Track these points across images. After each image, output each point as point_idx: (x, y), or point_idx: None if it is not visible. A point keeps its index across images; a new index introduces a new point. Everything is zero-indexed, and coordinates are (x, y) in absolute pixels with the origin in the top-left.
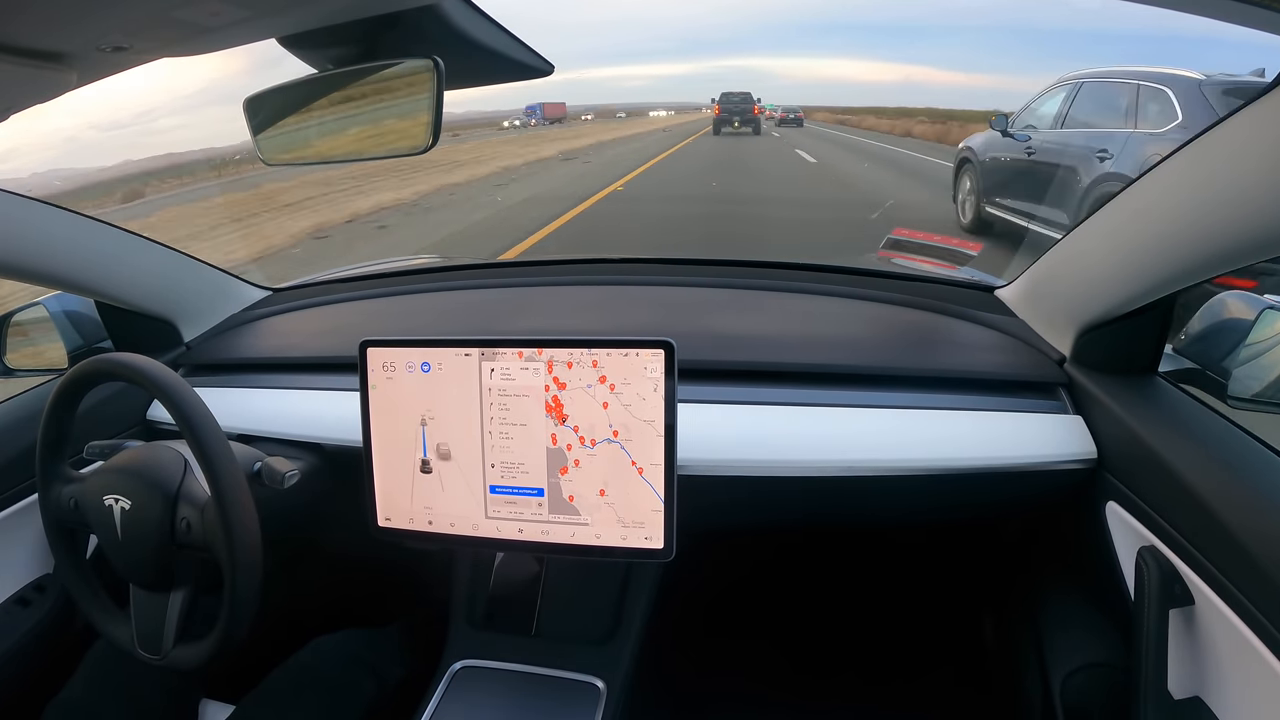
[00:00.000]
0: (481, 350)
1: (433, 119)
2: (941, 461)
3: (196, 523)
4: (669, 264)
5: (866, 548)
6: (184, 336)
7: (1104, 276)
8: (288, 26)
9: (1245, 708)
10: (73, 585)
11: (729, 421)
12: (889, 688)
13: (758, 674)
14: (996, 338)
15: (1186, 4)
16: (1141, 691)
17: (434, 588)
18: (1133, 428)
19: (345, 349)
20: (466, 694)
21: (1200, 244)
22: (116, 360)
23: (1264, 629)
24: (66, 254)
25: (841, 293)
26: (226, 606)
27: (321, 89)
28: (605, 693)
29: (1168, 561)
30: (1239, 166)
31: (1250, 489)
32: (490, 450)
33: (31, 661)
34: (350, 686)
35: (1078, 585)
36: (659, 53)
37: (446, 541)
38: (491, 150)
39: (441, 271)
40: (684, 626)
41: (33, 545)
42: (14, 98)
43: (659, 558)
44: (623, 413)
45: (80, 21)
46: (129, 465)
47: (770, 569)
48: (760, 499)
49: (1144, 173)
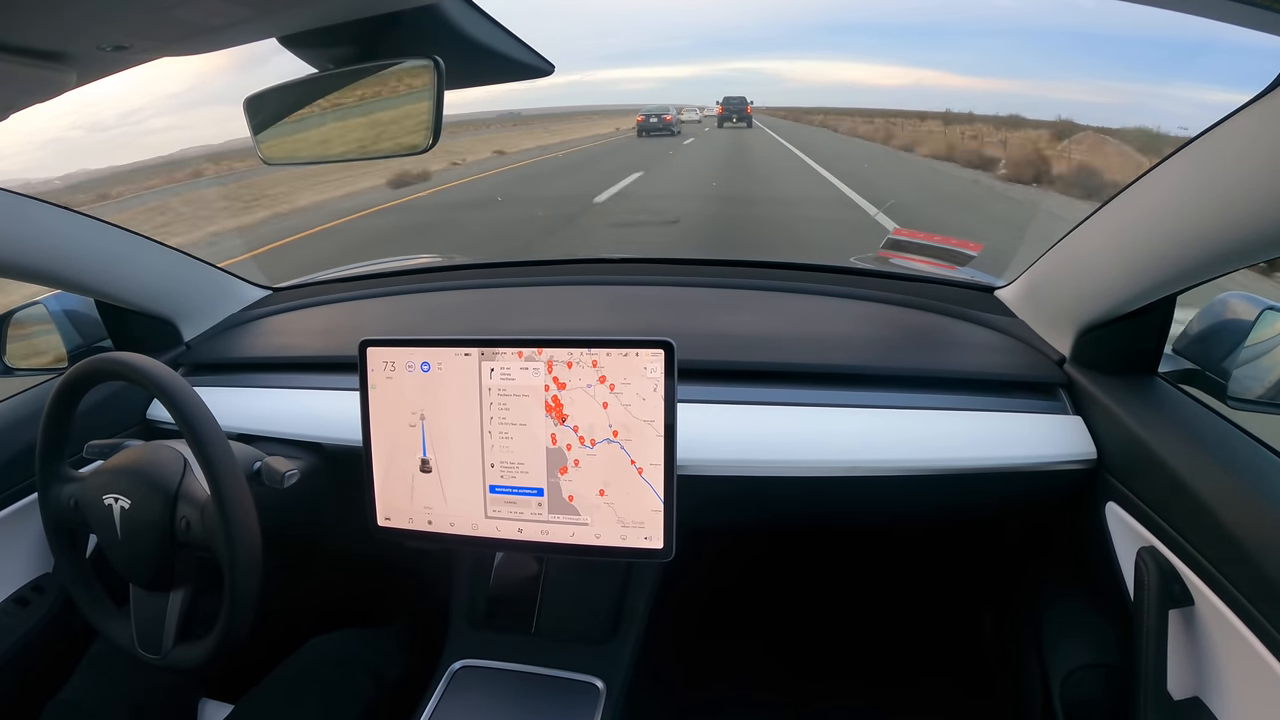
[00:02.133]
0: (481, 350)
1: (433, 119)
2: (941, 462)
3: (196, 522)
4: (669, 264)
5: (866, 548)
6: (184, 336)
7: (1104, 277)
8: (288, 26)
9: (1244, 708)
10: (72, 585)
11: (729, 421)
12: (888, 687)
13: (757, 673)
14: (996, 338)
15: (1187, 4)
16: (1141, 691)
17: (433, 587)
18: (1132, 428)
19: (345, 348)
20: (466, 694)
21: (1200, 245)
22: (116, 359)
23: (1263, 629)
24: (66, 254)
25: (841, 293)
26: (226, 606)
27: (321, 89)
28: (605, 692)
29: (1167, 562)
30: (1239, 167)
31: (1250, 489)
32: (490, 450)
33: (31, 661)
34: (349, 686)
35: (1077, 585)
36: (663, 54)
37: (446, 541)
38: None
39: (441, 271)
40: (684, 626)
41: (32, 545)
42: (14, 98)
43: (659, 557)
44: (622, 413)
45: (80, 21)
46: (129, 465)
47: (770, 569)
48: (760, 499)
49: (1144, 173)
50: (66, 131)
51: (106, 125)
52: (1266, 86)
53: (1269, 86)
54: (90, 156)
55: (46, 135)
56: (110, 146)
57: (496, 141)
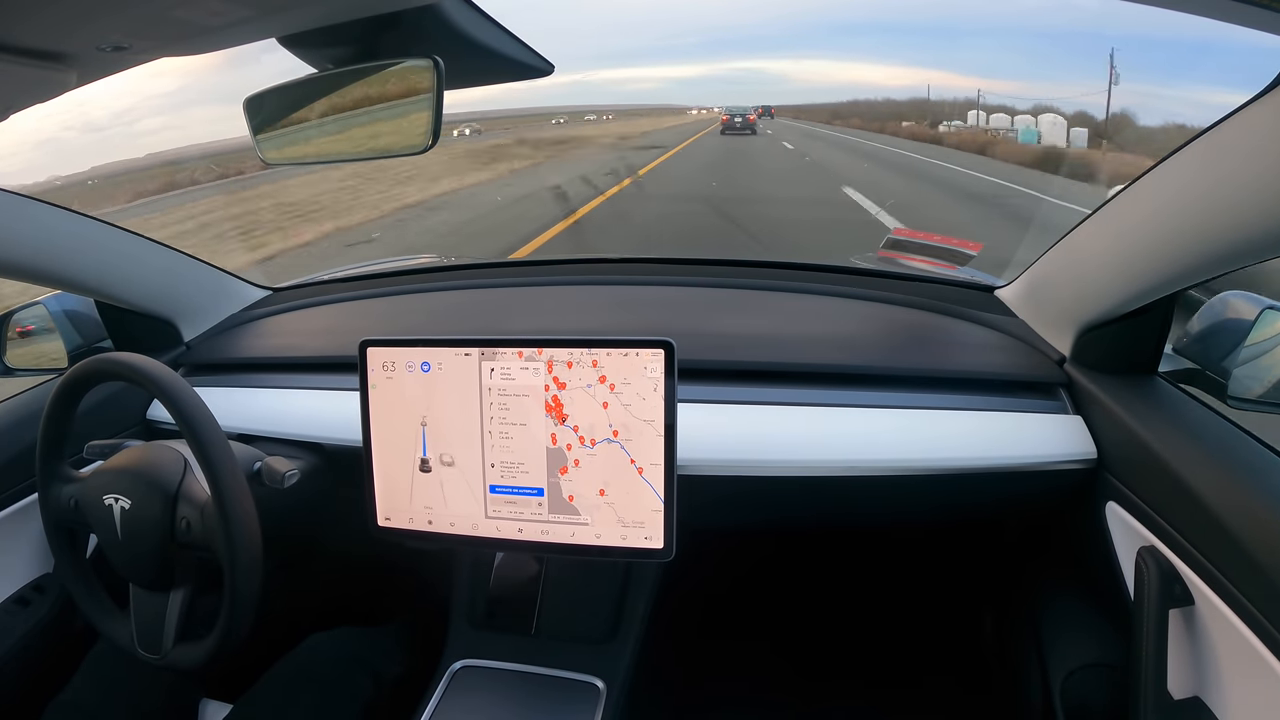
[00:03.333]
0: (481, 350)
1: (433, 119)
2: (941, 461)
3: (196, 522)
4: (669, 264)
5: (866, 547)
6: (184, 336)
7: (1104, 276)
8: (288, 26)
9: (1245, 708)
10: (72, 585)
11: (729, 421)
12: (888, 687)
13: (757, 673)
14: (996, 338)
15: (1187, 4)
16: (1141, 691)
17: (433, 587)
18: (1133, 428)
19: (345, 348)
20: (466, 694)
21: (1200, 244)
22: (116, 360)
23: (1264, 629)
24: (66, 254)
25: (842, 293)
26: (226, 606)
27: (321, 89)
28: (605, 692)
29: (1167, 561)
30: (1239, 166)
31: (1250, 489)
32: (490, 450)
33: (31, 661)
34: (347, 685)
35: (1078, 585)
36: (666, 53)
37: (446, 541)
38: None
39: (441, 271)
40: (684, 626)
41: (33, 545)
42: (14, 98)
43: (659, 557)
44: (623, 413)
45: (80, 21)
46: (129, 465)
47: (770, 569)
48: (760, 499)
49: (1144, 173)
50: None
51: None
52: (1266, 86)
53: (1269, 86)
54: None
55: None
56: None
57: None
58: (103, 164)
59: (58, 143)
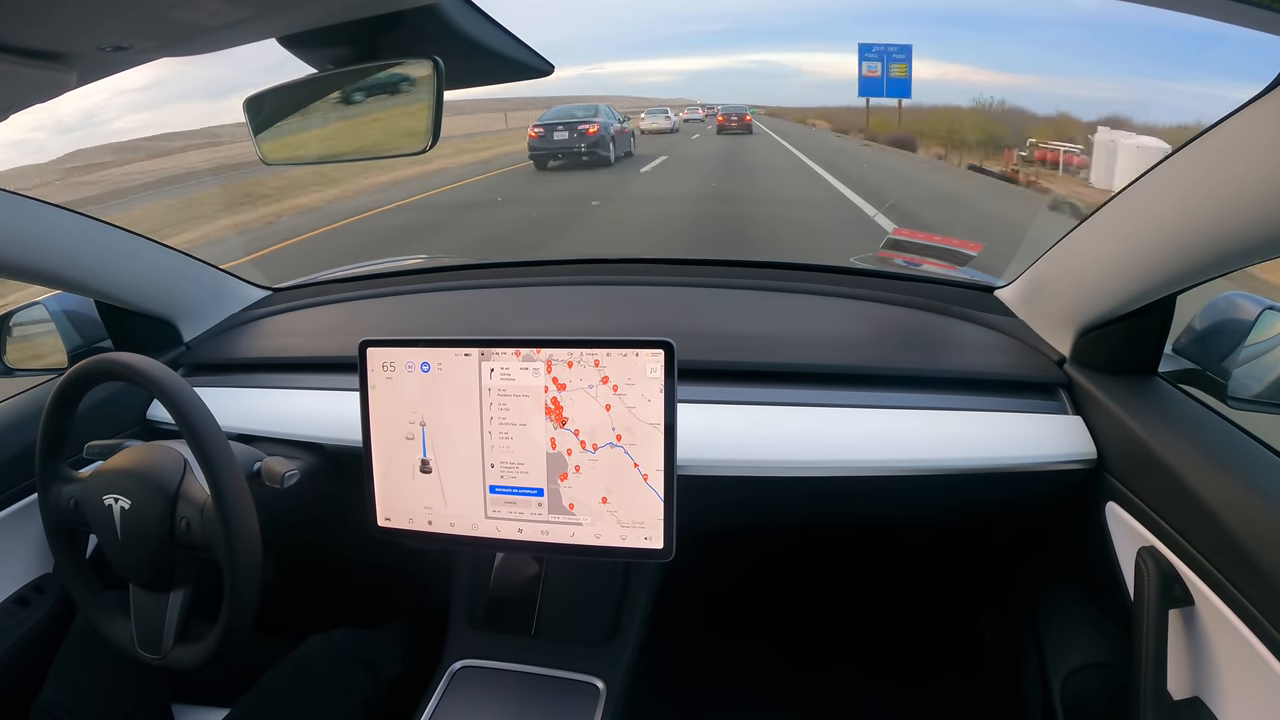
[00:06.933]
0: (481, 350)
1: (433, 119)
2: (941, 462)
3: (196, 522)
4: (668, 264)
5: (866, 548)
6: (184, 336)
7: (1104, 277)
8: (288, 26)
9: (1244, 708)
10: (72, 585)
11: (729, 422)
12: (889, 688)
13: (757, 674)
14: (996, 338)
15: (1187, 4)
16: (1141, 692)
17: (433, 588)
18: (1132, 428)
19: (345, 349)
20: (466, 694)
21: (1200, 245)
22: (116, 360)
23: (1263, 630)
24: (66, 254)
25: (841, 293)
26: (226, 606)
27: (321, 89)
28: (605, 693)
29: (1167, 562)
30: (1239, 167)
31: (1250, 490)
32: (490, 450)
33: (31, 662)
34: (346, 685)
35: (1078, 586)
36: (675, 44)
37: (446, 541)
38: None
39: (441, 271)
40: (684, 627)
41: (32, 545)
42: (14, 98)
43: (659, 558)
44: (626, 415)
45: (80, 22)
46: (128, 465)
47: (770, 569)
48: (760, 499)
49: (1144, 173)
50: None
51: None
52: (1266, 86)
53: (1269, 86)
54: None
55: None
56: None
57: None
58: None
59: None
